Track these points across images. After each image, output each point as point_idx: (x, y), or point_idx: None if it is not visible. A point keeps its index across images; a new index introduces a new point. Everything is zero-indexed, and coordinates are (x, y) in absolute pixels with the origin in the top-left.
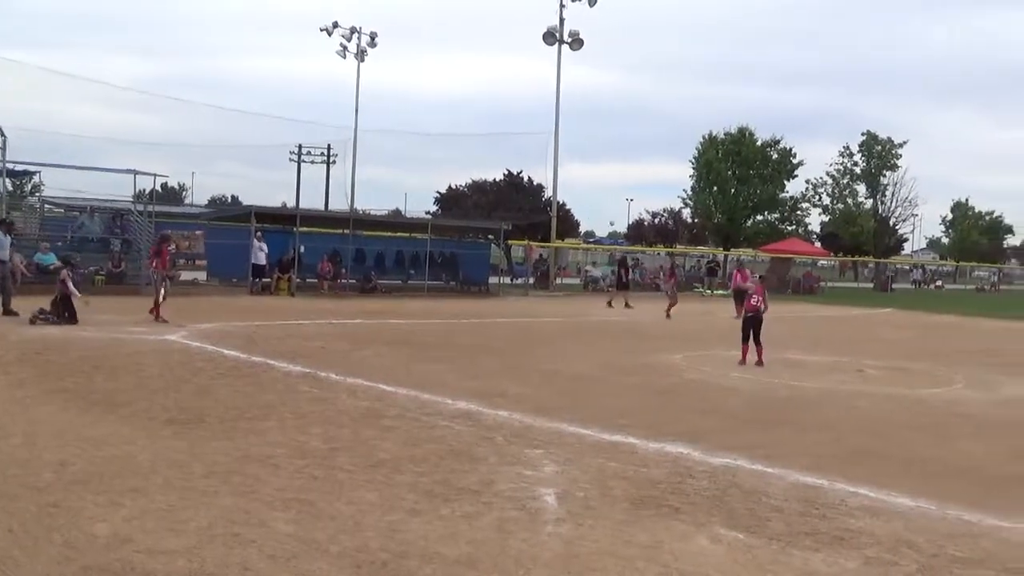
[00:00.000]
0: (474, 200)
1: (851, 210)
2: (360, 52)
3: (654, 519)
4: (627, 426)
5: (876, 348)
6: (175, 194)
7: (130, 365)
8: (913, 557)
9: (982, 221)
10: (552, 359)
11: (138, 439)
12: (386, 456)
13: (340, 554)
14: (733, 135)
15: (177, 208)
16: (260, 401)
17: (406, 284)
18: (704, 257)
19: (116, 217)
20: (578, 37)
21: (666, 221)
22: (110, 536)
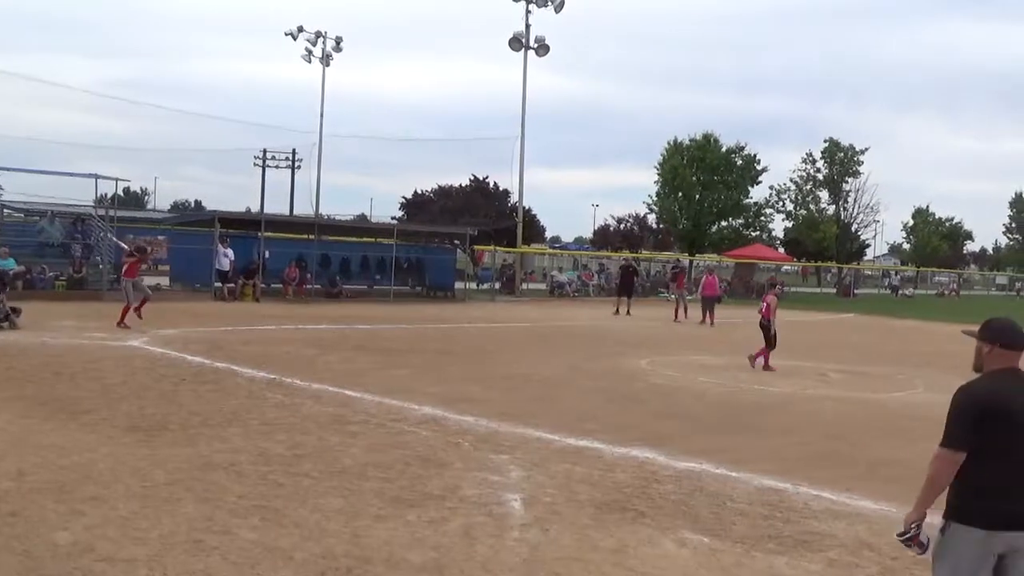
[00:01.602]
0: (440, 205)
1: (814, 216)
2: (325, 56)
3: (620, 524)
4: (593, 431)
5: (838, 353)
6: (138, 199)
7: (92, 372)
8: (875, 559)
9: (942, 227)
10: (518, 364)
11: (99, 447)
12: (351, 462)
13: (304, 561)
14: (698, 141)
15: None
16: (224, 407)
17: (372, 289)
18: (669, 263)
19: (77, 222)
20: (544, 43)
21: (631, 227)
22: (71, 545)
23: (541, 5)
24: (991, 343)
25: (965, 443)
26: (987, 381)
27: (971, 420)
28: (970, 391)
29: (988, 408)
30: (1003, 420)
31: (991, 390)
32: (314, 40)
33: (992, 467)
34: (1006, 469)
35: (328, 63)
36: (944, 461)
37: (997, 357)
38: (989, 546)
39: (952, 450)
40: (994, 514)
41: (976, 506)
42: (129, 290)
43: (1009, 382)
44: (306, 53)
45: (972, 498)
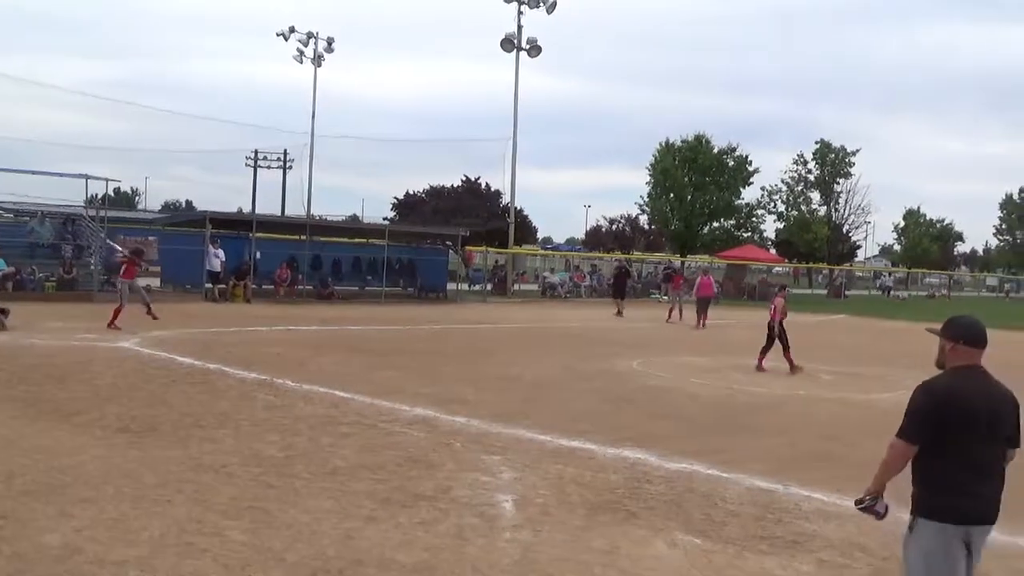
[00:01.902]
0: (432, 206)
1: (805, 217)
2: (317, 57)
3: (611, 524)
4: (585, 432)
5: (830, 353)
6: (128, 199)
7: (82, 373)
8: (865, 560)
9: (933, 228)
10: (510, 365)
11: (90, 448)
12: (343, 463)
13: (296, 563)
14: (690, 142)
15: (130, 213)
16: (215, 409)
17: (363, 290)
18: (660, 264)
19: (67, 222)
20: (536, 44)
21: (623, 228)
22: (61, 547)
23: (533, 6)
24: (954, 340)
25: (919, 437)
26: (949, 378)
27: (929, 417)
28: (931, 389)
29: (948, 406)
30: (963, 417)
31: (952, 388)
32: (306, 41)
33: (954, 463)
34: (967, 465)
35: (320, 64)
36: (897, 451)
37: (960, 354)
38: (957, 539)
39: (906, 442)
40: (959, 509)
41: (943, 502)
42: (124, 291)
43: (970, 379)
44: (298, 54)
45: (938, 494)
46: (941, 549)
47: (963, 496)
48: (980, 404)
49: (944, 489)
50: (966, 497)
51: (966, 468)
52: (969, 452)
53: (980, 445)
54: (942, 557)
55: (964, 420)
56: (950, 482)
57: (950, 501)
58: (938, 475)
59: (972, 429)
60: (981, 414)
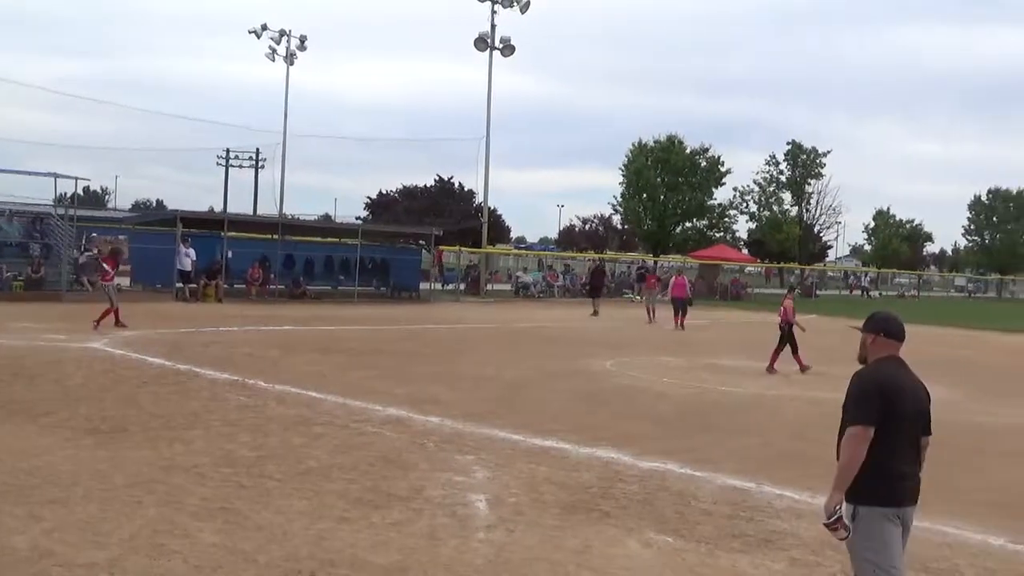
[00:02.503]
0: (405, 205)
1: (777, 217)
2: (289, 55)
3: (585, 524)
4: (558, 431)
5: (801, 353)
6: (98, 198)
7: (51, 373)
8: (836, 558)
9: (903, 229)
10: (483, 365)
11: (59, 449)
12: (315, 464)
13: (268, 564)
14: (662, 143)
15: (100, 212)
16: (186, 409)
17: (336, 290)
18: (634, 263)
19: (36, 221)
20: (509, 44)
21: (596, 227)
22: (29, 549)
23: (507, 6)
24: (875, 333)
25: (875, 419)
26: (882, 367)
27: (877, 399)
28: (871, 375)
29: (888, 390)
30: (898, 402)
31: (886, 375)
32: (278, 39)
33: (890, 447)
34: (900, 449)
35: (292, 62)
36: (859, 439)
37: (881, 346)
38: (897, 520)
39: (865, 426)
40: (897, 492)
41: (883, 487)
42: (112, 293)
43: (897, 369)
44: (270, 52)
45: (878, 480)
46: (885, 532)
47: (899, 480)
48: (908, 391)
49: (883, 475)
50: (901, 480)
51: (899, 453)
52: (901, 437)
53: (909, 430)
54: (887, 540)
55: (899, 406)
56: (888, 467)
57: (888, 485)
58: (877, 461)
59: (904, 415)
60: (909, 400)
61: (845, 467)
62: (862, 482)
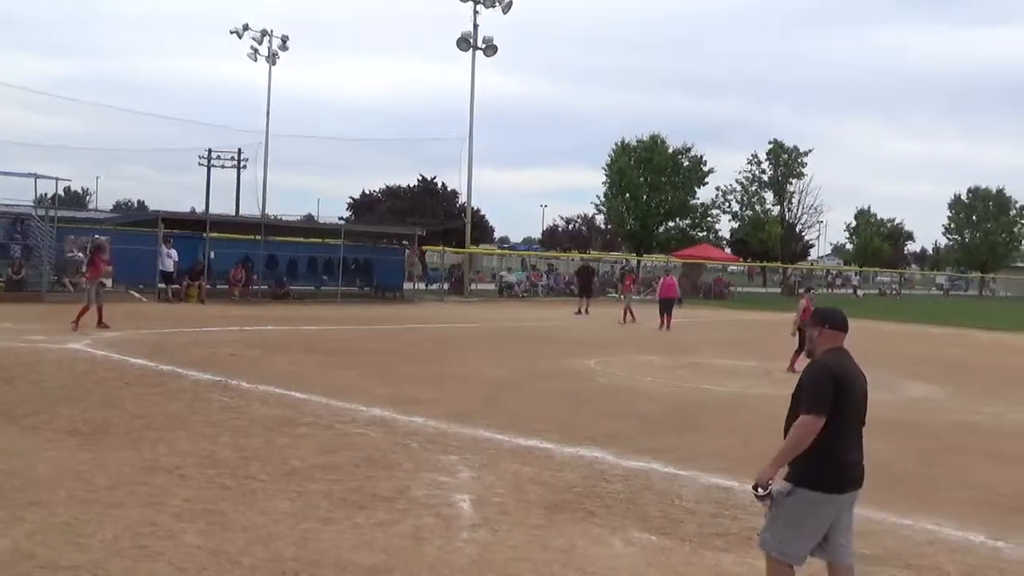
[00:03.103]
0: (388, 205)
1: (759, 217)
2: (271, 55)
3: (569, 523)
4: (542, 431)
5: (784, 351)
6: (79, 198)
7: (31, 374)
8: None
9: (884, 228)
10: (467, 365)
11: (40, 451)
12: (299, 464)
13: (252, 565)
14: (645, 143)
15: (81, 213)
16: (168, 410)
17: (319, 290)
18: (617, 263)
19: (16, 222)
20: (492, 43)
21: (580, 227)
22: (10, 552)
23: (489, 5)
24: (820, 326)
25: (826, 409)
26: (833, 357)
27: (831, 390)
28: (825, 366)
29: (840, 380)
30: (849, 392)
31: (838, 365)
32: (260, 39)
33: (838, 436)
34: (847, 437)
35: (274, 62)
36: (809, 428)
37: (827, 338)
38: (834, 507)
39: (816, 415)
40: (841, 479)
41: (828, 473)
42: (91, 291)
43: (844, 359)
44: (252, 52)
45: (825, 466)
46: (817, 514)
47: (844, 467)
48: (857, 379)
49: (830, 461)
50: (846, 467)
51: (846, 440)
52: (849, 425)
53: (855, 418)
54: (815, 520)
55: (849, 394)
56: (835, 454)
57: (834, 472)
58: (825, 448)
59: (853, 403)
60: (858, 389)
61: (789, 450)
62: (810, 467)
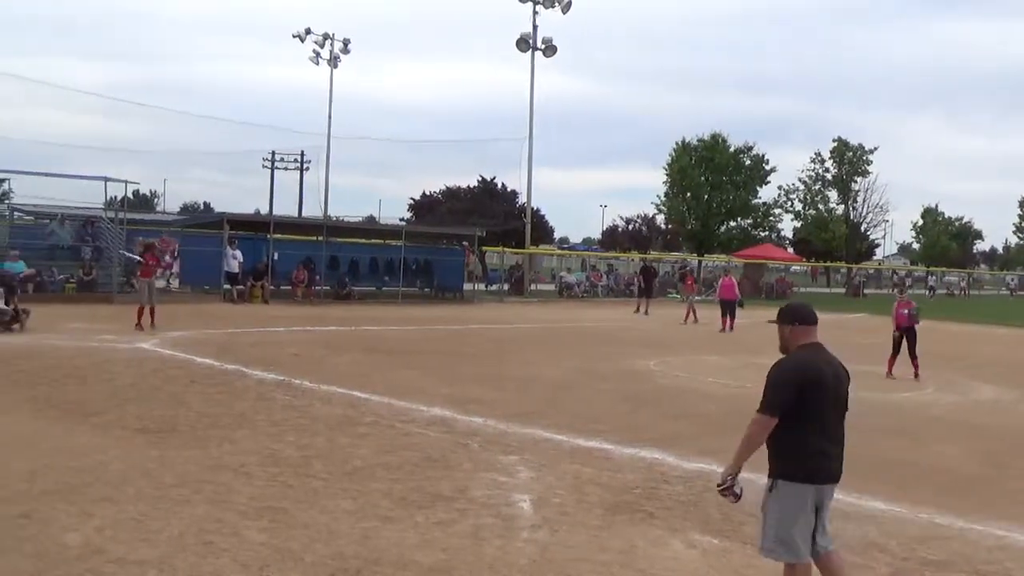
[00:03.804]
0: (448, 206)
1: (823, 216)
2: (333, 58)
3: (629, 524)
4: (602, 432)
5: (848, 353)
6: (147, 201)
7: (101, 374)
8: (885, 560)
9: (951, 227)
10: (526, 365)
11: (110, 448)
12: (360, 463)
13: (314, 562)
14: (706, 142)
15: (149, 215)
16: (233, 409)
17: (380, 291)
18: (677, 263)
19: (87, 224)
20: (551, 44)
21: (640, 227)
22: (82, 546)
23: (548, 6)
24: (791, 323)
25: (780, 410)
26: (804, 355)
27: (792, 390)
28: (792, 364)
29: (808, 378)
30: (819, 388)
31: (807, 361)
32: (322, 42)
33: (811, 430)
34: (822, 431)
35: (336, 65)
36: (760, 425)
37: (800, 334)
38: (811, 498)
39: (769, 416)
40: (817, 471)
41: (804, 467)
42: (143, 290)
43: (817, 353)
44: (314, 55)
45: (800, 460)
46: (798, 507)
47: (819, 460)
48: (828, 374)
49: (805, 455)
50: (822, 460)
51: (821, 434)
52: (822, 419)
53: (830, 412)
54: (798, 513)
55: (819, 389)
56: (809, 448)
57: (809, 465)
58: (800, 443)
59: (825, 397)
60: (830, 383)
61: (744, 449)
62: (785, 460)
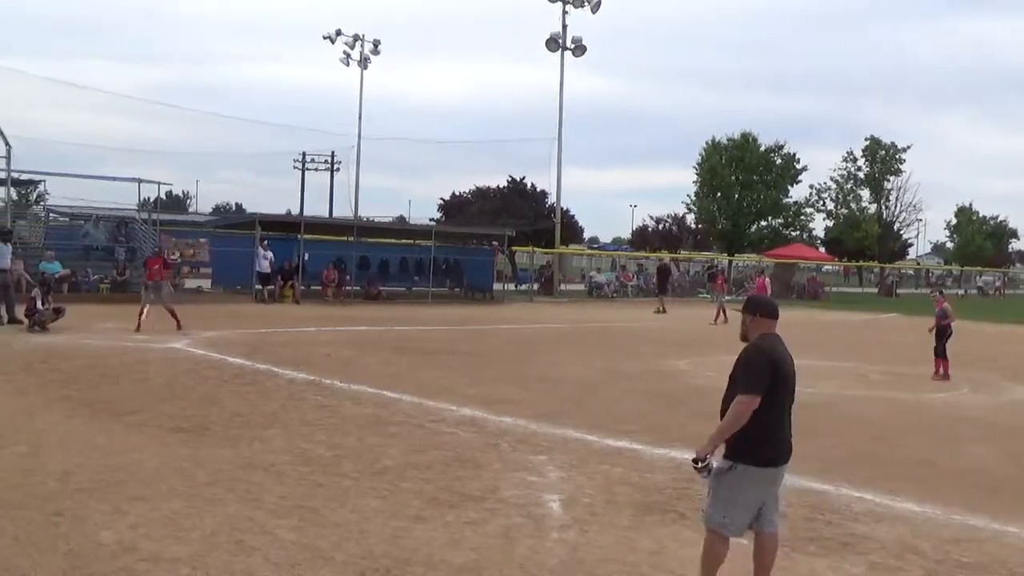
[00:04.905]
0: (478, 206)
1: (855, 215)
2: (363, 59)
3: (659, 525)
4: (632, 432)
5: (880, 353)
6: (179, 202)
7: (135, 373)
8: (918, 563)
9: (986, 225)
10: (556, 365)
11: (143, 447)
12: (390, 463)
13: (344, 561)
14: (736, 141)
15: (181, 216)
16: (264, 409)
17: (410, 291)
18: (707, 263)
19: (120, 225)
20: (581, 43)
21: (670, 227)
22: (115, 544)
23: (578, 6)
24: (754, 314)
25: (764, 389)
26: (766, 342)
27: (768, 374)
28: (762, 349)
29: (776, 364)
30: (783, 374)
31: (773, 348)
32: (352, 43)
33: (773, 415)
34: (780, 416)
35: (366, 66)
36: (747, 405)
37: (760, 325)
38: (769, 479)
39: (755, 395)
40: (776, 454)
41: (765, 450)
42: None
43: (777, 343)
44: (344, 56)
45: (762, 443)
46: (753, 487)
47: (778, 443)
48: (789, 362)
49: (767, 439)
50: (780, 444)
51: (780, 419)
52: (782, 405)
53: (788, 398)
54: (753, 493)
55: (784, 376)
56: (770, 432)
57: (770, 448)
58: (762, 426)
59: (787, 384)
60: (791, 371)
61: (727, 428)
62: (748, 444)
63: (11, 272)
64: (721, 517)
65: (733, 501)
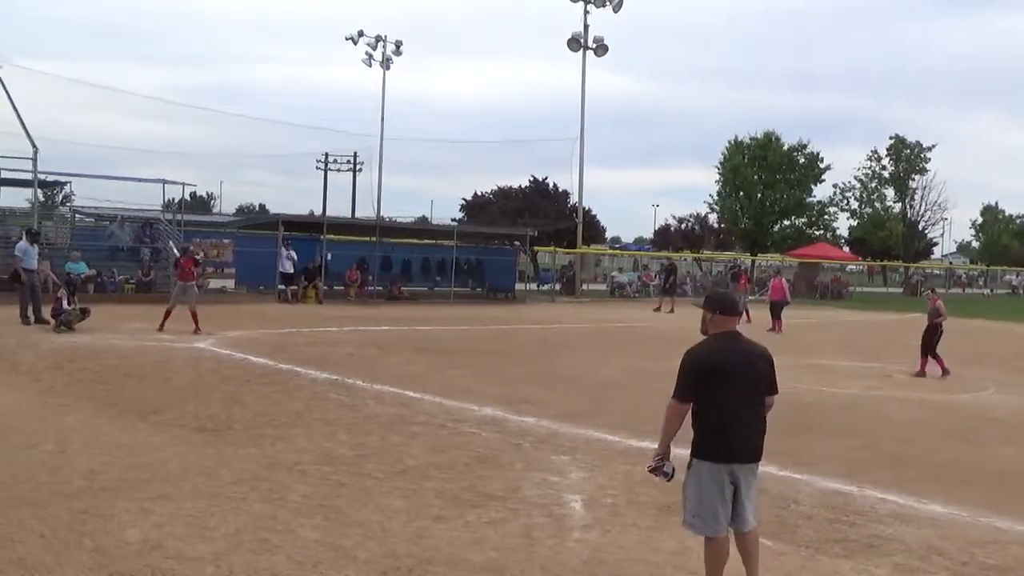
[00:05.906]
0: (500, 207)
1: (879, 214)
2: (385, 60)
3: (681, 525)
4: (653, 432)
5: (905, 353)
6: (204, 203)
7: (160, 373)
8: (943, 564)
9: (1013, 224)
10: (578, 365)
11: (168, 446)
12: (413, 463)
13: (367, 560)
14: (759, 140)
15: (206, 217)
16: (288, 408)
17: (433, 291)
18: (729, 263)
19: (146, 226)
20: (603, 43)
21: (693, 227)
22: (140, 542)
23: (599, 5)
24: (712, 311)
25: (689, 395)
26: (710, 343)
27: (695, 377)
28: (694, 354)
29: (708, 367)
30: (721, 375)
31: (712, 351)
32: (374, 44)
33: (719, 412)
34: (729, 413)
35: (388, 67)
36: (673, 410)
37: (718, 322)
38: (723, 475)
39: (678, 401)
40: (725, 450)
41: (711, 445)
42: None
43: (728, 343)
44: (367, 57)
45: (708, 439)
46: (711, 482)
47: (728, 439)
48: (735, 361)
49: (712, 434)
50: (731, 440)
51: (728, 416)
52: (729, 402)
53: (738, 395)
54: (712, 488)
55: (721, 375)
56: (717, 428)
57: (717, 444)
58: (708, 423)
59: (728, 382)
60: (736, 369)
61: (664, 431)
62: (696, 440)
63: (38, 273)
64: (691, 516)
65: (698, 500)
